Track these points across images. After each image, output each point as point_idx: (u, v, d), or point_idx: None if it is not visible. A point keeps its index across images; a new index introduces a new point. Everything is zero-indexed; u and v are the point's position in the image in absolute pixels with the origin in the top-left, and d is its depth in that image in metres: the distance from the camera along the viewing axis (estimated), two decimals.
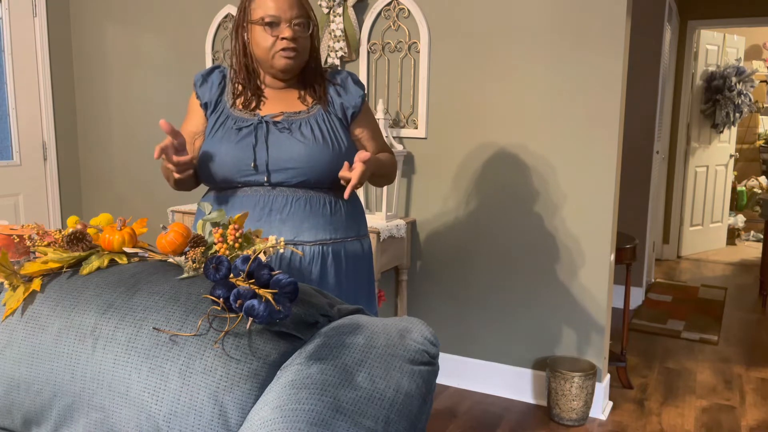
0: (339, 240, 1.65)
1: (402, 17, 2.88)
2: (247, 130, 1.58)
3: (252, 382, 0.96)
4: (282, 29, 1.55)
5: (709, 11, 5.22)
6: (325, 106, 1.64)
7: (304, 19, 1.58)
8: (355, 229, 1.70)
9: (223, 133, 1.60)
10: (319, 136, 1.59)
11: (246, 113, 1.62)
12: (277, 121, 1.60)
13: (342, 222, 1.65)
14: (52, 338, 1.09)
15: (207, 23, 3.34)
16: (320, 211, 1.61)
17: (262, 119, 1.60)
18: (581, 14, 2.56)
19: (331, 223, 1.63)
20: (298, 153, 1.57)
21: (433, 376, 1.02)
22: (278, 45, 1.56)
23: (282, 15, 1.55)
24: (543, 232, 2.74)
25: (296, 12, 1.56)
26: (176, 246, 1.18)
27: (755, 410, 2.84)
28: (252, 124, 1.59)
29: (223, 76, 1.69)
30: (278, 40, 1.56)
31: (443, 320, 2.99)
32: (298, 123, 1.60)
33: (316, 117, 1.62)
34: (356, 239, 1.70)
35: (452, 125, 2.85)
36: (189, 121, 1.70)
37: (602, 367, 2.73)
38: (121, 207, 3.78)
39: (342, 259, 1.65)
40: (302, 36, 1.58)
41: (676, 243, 5.79)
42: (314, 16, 1.63)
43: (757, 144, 7.11)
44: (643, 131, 4.12)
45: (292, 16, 1.55)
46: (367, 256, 1.75)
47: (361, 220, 1.74)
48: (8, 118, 3.57)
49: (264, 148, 1.57)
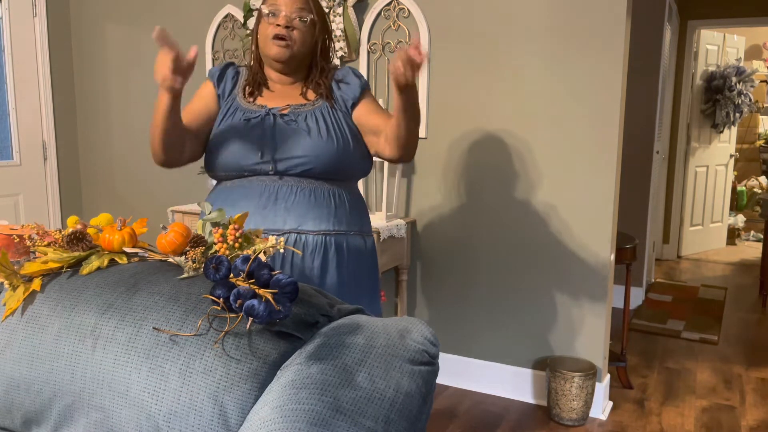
0: (342, 232, 1.67)
1: (402, 17, 2.88)
2: (255, 121, 1.63)
3: (252, 382, 0.96)
4: (278, 18, 1.61)
5: (709, 11, 5.22)
6: (330, 101, 1.68)
7: (304, 14, 1.63)
8: (358, 224, 1.72)
9: (231, 123, 1.66)
10: (324, 128, 1.63)
11: (254, 105, 1.67)
12: (284, 114, 1.64)
13: (345, 215, 1.68)
14: (52, 338, 1.09)
15: (207, 23, 3.34)
16: (324, 202, 1.64)
17: (269, 111, 1.64)
18: (581, 14, 2.56)
19: (335, 215, 1.65)
20: (303, 143, 1.61)
21: (433, 376, 1.02)
22: (271, 31, 1.62)
23: (282, 6, 1.61)
24: (543, 232, 2.74)
25: (297, 5, 1.62)
26: (176, 246, 1.18)
27: (755, 410, 2.84)
28: (260, 115, 1.64)
29: (236, 72, 1.76)
30: (273, 28, 1.62)
31: (443, 320, 2.99)
32: (304, 115, 1.64)
33: (321, 110, 1.66)
34: (359, 234, 1.72)
35: (452, 125, 2.85)
36: (199, 99, 1.74)
37: (602, 367, 2.73)
38: (121, 207, 3.78)
39: (344, 252, 1.67)
40: (299, 28, 1.62)
41: (676, 243, 5.78)
42: (321, 15, 1.67)
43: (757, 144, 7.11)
44: (643, 131, 4.12)
45: (292, 9, 1.61)
46: (369, 253, 1.76)
47: (364, 216, 1.77)
48: (8, 118, 3.57)
49: (271, 138, 1.61)
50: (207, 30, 3.35)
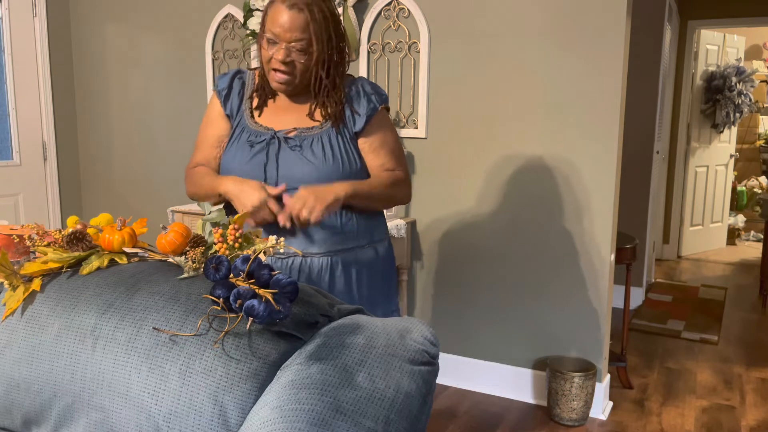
0: (349, 249, 1.63)
1: (402, 17, 2.88)
2: (259, 147, 1.60)
3: (252, 382, 0.96)
4: (277, 49, 1.54)
5: (709, 11, 5.22)
6: (338, 121, 1.61)
7: (304, 44, 1.54)
8: (368, 236, 1.68)
9: (237, 147, 1.62)
10: (329, 154, 1.58)
11: (260, 127, 1.62)
12: (289, 137, 1.59)
13: (353, 232, 1.64)
14: (52, 338, 1.09)
15: (207, 23, 3.34)
16: (330, 225, 1.60)
17: (275, 134, 1.60)
18: (581, 14, 2.56)
19: (342, 233, 1.62)
20: (308, 173, 1.57)
21: (433, 376, 1.02)
22: (272, 63, 1.56)
23: (281, 35, 1.53)
24: (543, 232, 2.74)
25: (296, 35, 1.52)
26: (176, 246, 1.18)
27: (755, 410, 2.84)
28: (264, 140, 1.60)
29: (242, 83, 1.69)
30: (273, 59, 1.56)
31: (443, 320, 2.99)
32: (309, 140, 1.59)
33: (329, 133, 1.60)
34: (369, 246, 1.68)
35: (452, 125, 2.85)
36: (212, 125, 1.70)
37: (602, 367, 2.73)
38: (121, 207, 3.78)
39: (352, 268, 1.64)
40: (298, 60, 1.55)
41: (677, 243, 5.78)
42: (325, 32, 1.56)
43: (757, 144, 7.11)
44: (643, 131, 4.12)
45: (291, 39, 1.52)
46: (382, 260, 1.73)
47: (376, 225, 1.71)
48: (8, 118, 3.57)
49: (274, 167, 1.58)
50: (207, 30, 3.34)
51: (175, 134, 3.51)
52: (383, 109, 1.68)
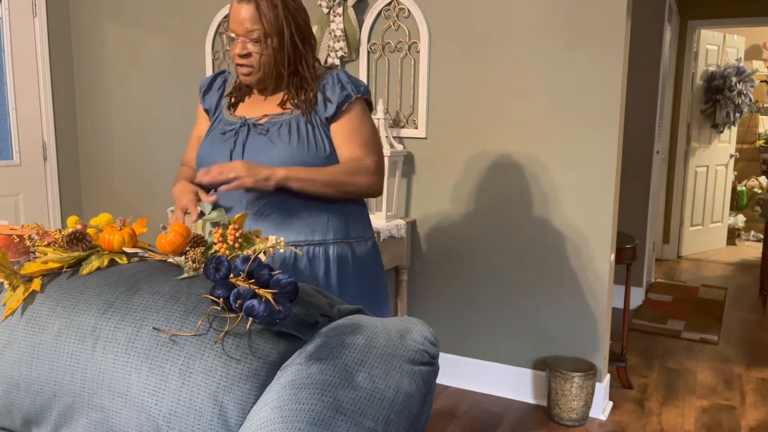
0: (316, 242, 1.61)
1: (402, 17, 2.88)
2: (229, 134, 1.64)
3: (252, 382, 0.96)
4: (236, 44, 1.57)
5: (709, 11, 5.22)
6: (310, 109, 1.61)
7: (256, 34, 1.54)
8: (342, 231, 1.65)
9: (211, 138, 1.68)
10: (295, 138, 1.58)
11: (234, 117, 1.68)
12: (259, 124, 1.62)
13: (323, 224, 1.62)
14: (52, 338, 1.09)
15: (207, 23, 3.34)
16: (298, 213, 1.59)
17: (246, 122, 1.63)
18: (581, 14, 2.56)
19: (309, 224, 1.61)
20: (271, 156, 1.56)
21: (433, 376, 1.02)
22: (235, 59, 1.60)
23: (237, 30, 1.55)
24: (543, 232, 2.74)
25: (248, 26, 1.53)
26: (176, 246, 1.18)
27: (755, 410, 2.84)
28: (234, 128, 1.64)
29: (223, 81, 1.76)
30: (234, 54, 1.59)
31: (443, 320, 2.99)
32: (277, 125, 1.61)
33: (297, 120, 1.61)
34: (344, 242, 1.66)
35: (452, 125, 2.85)
36: (197, 125, 1.82)
37: (602, 367, 2.73)
38: (121, 207, 3.78)
39: (320, 262, 1.62)
40: (254, 51, 1.56)
41: (677, 243, 5.78)
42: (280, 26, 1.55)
43: (757, 144, 7.11)
44: (643, 131, 4.12)
45: (244, 31, 1.54)
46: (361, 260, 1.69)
47: (353, 223, 1.69)
48: (8, 118, 3.57)
49: (240, 152, 1.61)
50: (207, 30, 3.35)
51: (175, 134, 3.51)
52: (361, 100, 1.66)
